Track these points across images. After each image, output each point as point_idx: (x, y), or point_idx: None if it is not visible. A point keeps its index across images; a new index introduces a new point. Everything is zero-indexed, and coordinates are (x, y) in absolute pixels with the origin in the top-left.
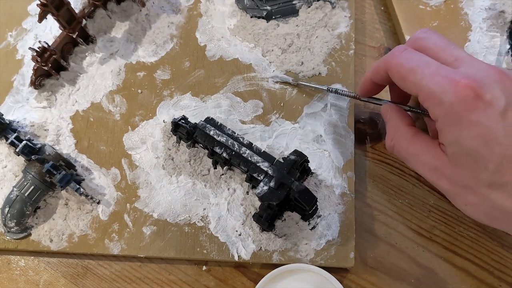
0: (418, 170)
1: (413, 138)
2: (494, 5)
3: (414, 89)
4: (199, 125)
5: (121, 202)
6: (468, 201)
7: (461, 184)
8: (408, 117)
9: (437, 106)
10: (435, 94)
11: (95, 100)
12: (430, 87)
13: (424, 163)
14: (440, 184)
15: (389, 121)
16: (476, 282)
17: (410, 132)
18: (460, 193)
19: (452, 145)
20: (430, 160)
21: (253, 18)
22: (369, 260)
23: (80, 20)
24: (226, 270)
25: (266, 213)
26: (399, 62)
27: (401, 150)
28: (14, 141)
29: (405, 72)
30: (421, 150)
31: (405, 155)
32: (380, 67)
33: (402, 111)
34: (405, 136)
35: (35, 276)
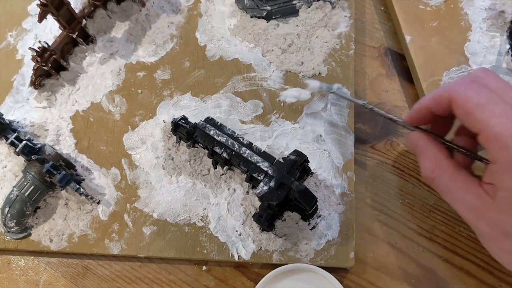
0: (456, 206)
1: (455, 173)
2: (494, 5)
3: (477, 126)
4: (199, 125)
5: (121, 202)
6: (503, 247)
7: (502, 230)
8: (446, 150)
9: (501, 150)
10: (502, 137)
11: (95, 100)
12: (498, 128)
13: (464, 201)
14: (477, 225)
15: (425, 151)
16: (476, 282)
17: (452, 166)
18: (498, 238)
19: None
20: (472, 199)
21: (253, 18)
22: (369, 260)
23: (80, 20)
24: (226, 270)
25: (266, 213)
26: (467, 95)
27: (441, 184)
28: (14, 141)
29: (472, 107)
30: (462, 187)
31: (444, 190)
32: (442, 95)
33: (436, 141)
34: (447, 170)
35: (35, 276)
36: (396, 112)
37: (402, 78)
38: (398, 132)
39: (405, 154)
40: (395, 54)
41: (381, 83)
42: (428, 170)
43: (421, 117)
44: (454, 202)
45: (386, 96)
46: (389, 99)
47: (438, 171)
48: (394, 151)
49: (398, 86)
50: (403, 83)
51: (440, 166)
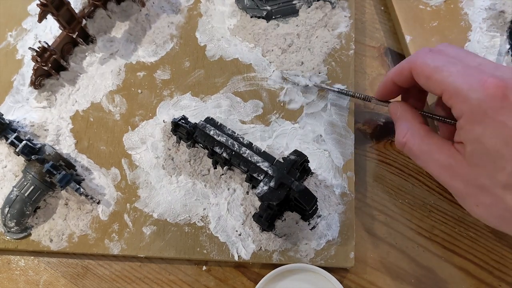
0: (430, 168)
1: (426, 136)
2: (494, 5)
3: (439, 87)
4: (199, 125)
5: (121, 202)
6: (480, 202)
7: (475, 184)
8: (420, 116)
9: (462, 103)
10: (462, 91)
11: (95, 100)
12: (457, 84)
13: (436, 161)
14: (452, 183)
15: (400, 118)
16: (476, 282)
17: (423, 130)
18: (473, 193)
19: (472, 143)
20: (444, 158)
21: (253, 18)
22: (369, 260)
23: (80, 20)
24: (226, 270)
25: (266, 213)
26: (424, 61)
27: (413, 147)
28: (14, 141)
29: (430, 70)
30: (435, 148)
31: (416, 152)
32: (404, 67)
33: (413, 110)
34: (418, 133)
35: (35, 276)
36: None
37: None
38: None
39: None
40: (395, 54)
41: None
42: (400, 135)
43: (388, 90)
44: (427, 164)
45: None
46: None
47: (409, 135)
48: (394, 151)
49: None
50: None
51: (412, 129)
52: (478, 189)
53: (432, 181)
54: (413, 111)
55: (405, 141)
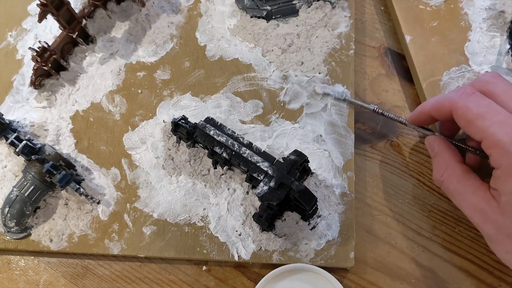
0: (464, 209)
1: (464, 177)
2: (494, 5)
3: (479, 135)
4: (199, 125)
5: (121, 202)
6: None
7: (507, 233)
8: (458, 154)
9: (502, 156)
10: (503, 144)
11: (95, 100)
12: (498, 135)
13: (471, 204)
14: (484, 228)
15: (438, 155)
16: (476, 282)
17: (461, 170)
18: (504, 241)
19: (507, 195)
20: (479, 202)
21: (253, 18)
22: (369, 260)
23: (80, 20)
24: (226, 270)
25: (266, 213)
26: (466, 105)
27: (450, 186)
28: (14, 141)
29: (472, 116)
30: (471, 190)
31: (453, 192)
32: (444, 105)
33: (452, 146)
34: (456, 174)
35: (35, 276)
36: (396, 112)
37: (402, 78)
38: (398, 132)
39: (405, 154)
40: (395, 54)
41: (381, 83)
42: (438, 174)
43: (422, 120)
44: (462, 204)
45: (386, 96)
46: (389, 99)
47: (447, 175)
48: (394, 151)
49: (398, 86)
50: (403, 83)
51: (450, 169)
52: (509, 238)
53: (432, 181)
54: (451, 148)
55: (443, 180)
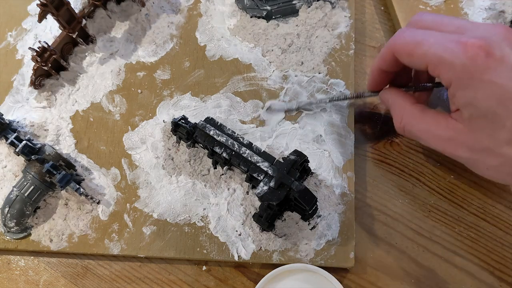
0: (433, 144)
1: (422, 114)
2: (494, 5)
3: (423, 61)
4: (199, 125)
5: (121, 202)
6: (489, 164)
7: (480, 148)
8: (411, 97)
9: (448, 71)
10: (445, 59)
11: (95, 100)
12: (439, 53)
13: (438, 136)
14: (458, 154)
15: (393, 104)
16: (476, 282)
17: (417, 109)
18: (480, 158)
19: (467, 108)
20: (444, 131)
21: (253, 18)
22: (369, 260)
23: (80, 20)
24: (226, 270)
25: (266, 213)
26: (403, 40)
27: (412, 128)
28: (14, 141)
29: (411, 47)
30: (432, 124)
31: (416, 133)
32: (386, 52)
33: (404, 92)
34: (413, 114)
35: (35, 276)
36: None
37: None
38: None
39: (405, 154)
40: None
41: None
42: (397, 121)
43: (378, 79)
44: (429, 141)
45: None
46: None
47: (406, 118)
48: (394, 151)
49: None
50: None
51: (407, 112)
52: (484, 152)
53: (433, 181)
54: (403, 94)
55: (403, 125)
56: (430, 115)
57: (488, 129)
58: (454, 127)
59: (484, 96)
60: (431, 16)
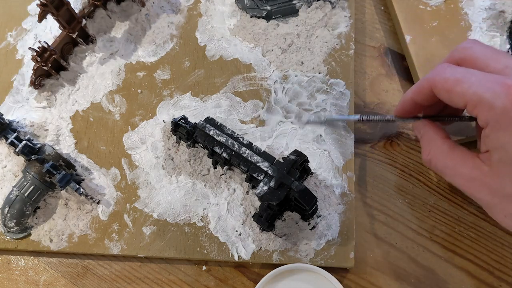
0: (456, 182)
1: (450, 151)
2: (494, 5)
3: (462, 100)
4: (199, 125)
5: (121, 202)
6: (508, 212)
7: (502, 194)
8: (442, 131)
9: (487, 111)
10: (485, 99)
11: (95, 100)
12: (480, 93)
13: (462, 175)
14: (479, 196)
15: (423, 135)
16: (476, 282)
17: (446, 145)
18: (501, 204)
19: (498, 152)
20: (469, 171)
21: (253, 18)
22: (369, 260)
23: (80, 20)
24: (226, 270)
25: (266, 213)
26: (444, 76)
27: (438, 163)
28: (14, 141)
29: (451, 84)
30: (459, 162)
31: (442, 168)
32: (423, 85)
33: (436, 125)
34: (441, 149)
35: (35, 276)
36: None
37: (402, 78)
38: (398, 132)
39: (405, 154)
40: (395, 54)
41: (381, 83)
42: (425, 153)
43: (408, 108)
44: (454, 178)
45: (386, 96)
46: (389, 99)
47: (434, 152)
48: (394, 151)
49: (398, 86)
50: (403, 83)
51: (436, 146)
52: (506, 199)
53: (433, 181)
54: (436, 127)
55: (429, 158)
56: (458, 152)
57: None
58: (480, 168)
59: None
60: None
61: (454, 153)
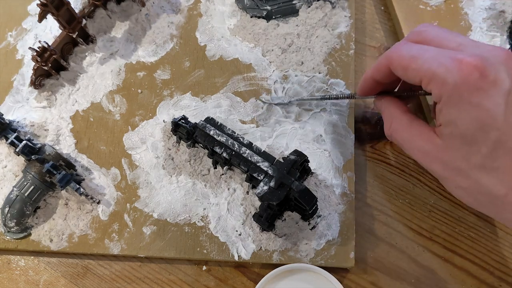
0: (412, 155)
1: (408, 124)
2: (494, 5)
3: (417, 76)
4: (199, 125)
5: (121, 202)
6: (458, 184)
7: (453, 167)
8: (402, 105)
9: (440, 87)
10: (439, 75)
11: (95, 100)
12: (433, 68)
13: (418, 148)
14: (432, 168)
15: (385, 110)
16: (476, 282)
17: (405, 118)
18: (452, 176)
19: (448, 126)
20: (424, 144)
21: (253, 18)
22: (369, 260)
23: (80, 20)
24: (226, 270)
25: (266, 213)
26: (399, 53)
27: (398, 136)
28: (14, 141)
29: (406, 61)
30: (416, 135)
31: (401, 141)
32: (381, 63)
33: (396, 100)
34: (401, 123)
35: (35, 276)
36: None
37: None
38: None
39: (405, 154)
40: None
41: None
42: (386, 127)
43: (368, 86)
44: (411, 151)
45: None
46: None
47: (394, 125)
48: (394, 151)
49: None
50: None
51: (396, 120)
52: (456, 171)
53: (433, 181)
54: (396, 102)
55: (390, 132)
56: (416, 126)
57: (463, 150)
58: (434, 142)
59: (467, 118)
60: (435, 30)
61: (412, 127)
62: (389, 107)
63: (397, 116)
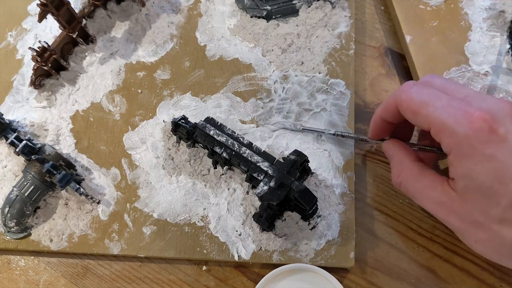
0: (425, 206)
1: (420, 174)
2: (494, 5)
3: (426, 122)
4: (199, 125)
5: (121, 202)
6: (478, 238)
7: (471, 220)
8: (413, 153)
9: (450, 138)
10: (448, 126)
11: (95, 100)
12: (443, 118)
13: (431, 199)
14: (448, 221)
15: (394, 157)
16: (477, 283)
17: (417, 168)
18: (470, 230)
19: (463, 179)
20: (438, 195)
21: (253, 18)
22: (369, 260)
23: (80, 20)
24: (226, 270)
25: (266, 213)
26: (409, 96)
27: (408, 186)
28: (14, 141)
29: (416, 106)
30: (428, 185)
31: (412, 191)
32: (390, 103)
33: (406, 147)
34: (411, 172)
35: (35, 276)
36: None
37: (402, 78)
38: None
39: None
40: (395, 54)
41: (381, 83)
42: (395, 175)
43: (379, 128)
44: (423, 202)
45: (386, 96)
46: None
47: (404, 175)
48: None
49: (398, 86)
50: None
51: (406, 169)
52: (474, 225)
53: None
54: (405, 149)
55: (400, 181)
56: (428, 176)
57: (481, 203)
58: (448, 194)
59: (483, 170)
60: (441, 80)
61: (424, 176)
62: (399, 153)
63: (407, 164)
